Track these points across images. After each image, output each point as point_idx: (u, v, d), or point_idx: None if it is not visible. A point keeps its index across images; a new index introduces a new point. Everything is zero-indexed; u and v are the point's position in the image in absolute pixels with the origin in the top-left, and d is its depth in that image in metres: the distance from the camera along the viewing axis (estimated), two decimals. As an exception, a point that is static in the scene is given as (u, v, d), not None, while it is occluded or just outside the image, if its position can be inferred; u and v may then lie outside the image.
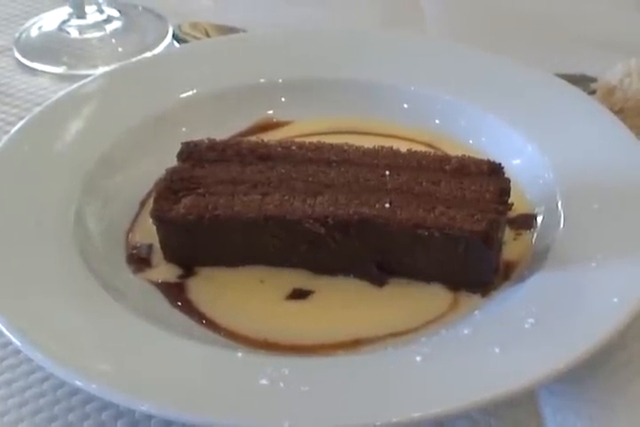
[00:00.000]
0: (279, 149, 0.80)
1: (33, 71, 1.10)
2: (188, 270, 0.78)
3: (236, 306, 0.75)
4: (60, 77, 1.08)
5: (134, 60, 1.03)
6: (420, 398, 0.62)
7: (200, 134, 0.82)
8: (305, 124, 0.93)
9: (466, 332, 0.68)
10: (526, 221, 0.80)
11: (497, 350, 0.65)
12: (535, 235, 0.79)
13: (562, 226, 0.76)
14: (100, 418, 0.68)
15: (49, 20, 1.17)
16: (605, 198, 0.77)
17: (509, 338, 0.66)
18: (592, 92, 0.95)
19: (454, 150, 0.85)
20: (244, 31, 1.11)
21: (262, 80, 0.95)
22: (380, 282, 0.75)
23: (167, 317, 0.73)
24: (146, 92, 0.92)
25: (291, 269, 0.77)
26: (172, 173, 0.78)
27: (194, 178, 0.78)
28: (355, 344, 0.71)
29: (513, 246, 0.78)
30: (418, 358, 0.65)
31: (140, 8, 1.20)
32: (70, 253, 0.75)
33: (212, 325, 0.73)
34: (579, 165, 0.81)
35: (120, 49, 1.13)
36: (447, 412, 0.61)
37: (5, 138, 0.85)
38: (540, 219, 0.80)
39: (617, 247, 0.73)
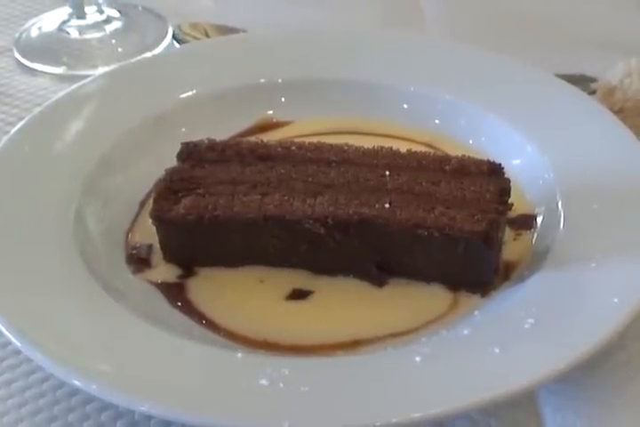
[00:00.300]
0: (279, 149, 0.80)
1: (33, 71, 1.09)
2: (188, 271, 0.78)
3: (235, 306, 0.74)
4: (60, 78, 1.08)
5: (134, 60, 1.03)
6: (420, 398, 0.62)
7: (200, 135, 0.82)
8: (305, 124, 0.93)
9: (466, 332, 0.68)
10: (526, 222, 0.80)
11: (497, 351, 0.65)
12: (535, 235, 0.79)
13: (562, 226, 0.76)
14: (99, 419, 0.68)
15: (49, 21, 1.17)
16: (605, 198, 0.77)
17: (509, 338, 0.66)
18: (592, 93, 0.94)
19: (454, 150, 0.85)
20: (244, 31, 1.11)
21: (262, 80, 0.95)
22: (379, 282, 0.75)
23: (167, 317, 0.73)
24: (146, 93, 0.92)
25: (290, 269, 0.77)
26: (171, 173, 0.78)
27: (193, 178, 0.78)
28: (354, 344, 0.71)
29: (513, 247, 0.78)
30: (417, 359, 0.65)
31: (140, 8, 1.20)
32: (70, 254, 0.75)
33: (211, 325, 0.73)
34: (579, 166, 0.81)
35: (120, 49, 1.13)
36: (447, 412, 0.61)
37: (5, 138, 0.85)
38: (539, 219, 0.80)
39: (617, 248, 0.73)
